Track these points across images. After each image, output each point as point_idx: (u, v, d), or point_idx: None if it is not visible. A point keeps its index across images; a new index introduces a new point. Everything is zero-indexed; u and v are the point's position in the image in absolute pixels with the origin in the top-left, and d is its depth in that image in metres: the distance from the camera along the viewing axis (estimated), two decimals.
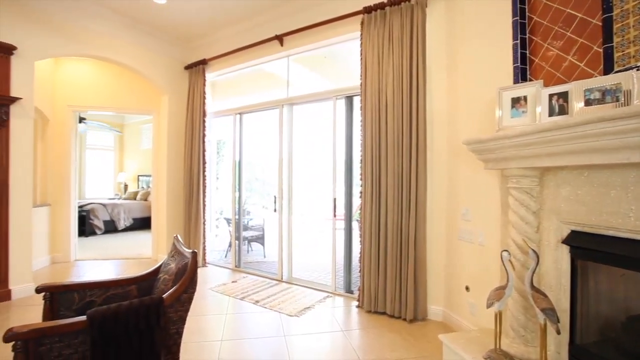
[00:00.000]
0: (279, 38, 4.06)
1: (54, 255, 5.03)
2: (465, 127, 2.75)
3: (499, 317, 1.95)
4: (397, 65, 3.10)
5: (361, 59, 3.36)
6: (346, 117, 3.77)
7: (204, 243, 4.87)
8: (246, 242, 5.48)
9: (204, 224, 4.87)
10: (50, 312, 1.89)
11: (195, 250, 1.88)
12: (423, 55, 3.04)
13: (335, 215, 3.78)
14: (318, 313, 3.24)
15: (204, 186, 4.87)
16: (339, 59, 4.08)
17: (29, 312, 3.17)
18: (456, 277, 2.88)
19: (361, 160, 3.35)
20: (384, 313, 3.17)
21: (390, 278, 3.11)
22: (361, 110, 3.36)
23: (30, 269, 3.73)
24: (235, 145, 4.87)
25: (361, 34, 3.36)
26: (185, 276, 1.76)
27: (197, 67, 4.92)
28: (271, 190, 6.83)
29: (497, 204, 2.40)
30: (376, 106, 3.22)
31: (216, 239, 5.80)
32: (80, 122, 5.99)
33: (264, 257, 5.52)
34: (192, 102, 4.96)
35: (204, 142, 4.84)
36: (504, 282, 2.00)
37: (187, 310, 1.80)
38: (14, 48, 3.51)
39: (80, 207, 6.99)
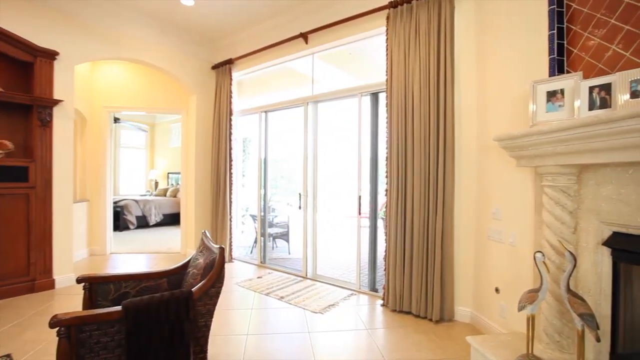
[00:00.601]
0: (304, 36, 4.07)
1: (91, 248, 5.32)
2: (496, 123, 2.64)
3: (531, 321, 1.87)
4: (424, 60, 3.03)
5: (387, 54, 3.30)
6: (371, 114, 3.73)
7: (230, 239, 4.98)
8: (271, 238, 5.56)
9: (230, 220, 4.97)
10: (89, 301, 2.00)
11: (223, 246, 1.93)
12: (451, 50, 2.95)
13: (360, 213, 3.75)
14: (342, 311, 3.24)
15: (230, 183, 4.97)
16: (364, 55, 4.04)
17: (71, 301, 3.37)
18: (485, 278, 2.79)
19: (387, 158, 3.31)
20: (409, 313, 3.13)
21: (415, 277, 3.06)
22: (387, 106, 3.31)
23: (72, 260, 3.97)
24: (261, 143, 4.93)
25: (387, 29, 3.30)
26: (213, 271, 1.81)
27: (224, 67, 5.02)
28: (296, 188, 6.87)
29: (529, 203, 2.29)
30: (402, 102, 3.17)
31: (242, 235, 5.93)
32: (115, 122, 6.28)
33: (289, 253, 5.58)
34: (219, 101, 5.08)
35: (230, 140, 4.94)
36: (537, 285, 1.91)
37: (215, 304, 1.85)
38: (57, 53, 3.72)
39: (115, 203, 7.34)
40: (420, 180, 3.05)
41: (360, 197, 3.73)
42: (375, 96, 3.72)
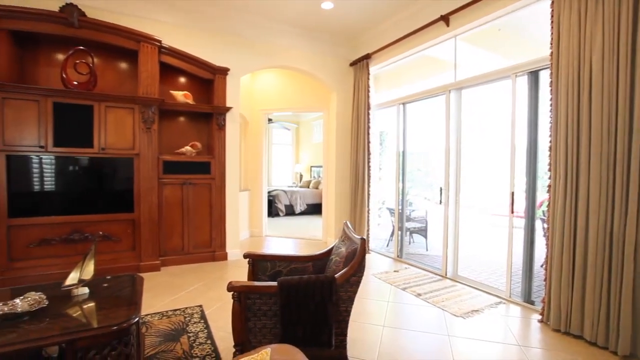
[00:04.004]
0: (445, 18, 3.78)
1: (251, 230, 6.34)
2: None
3: None
4: (611, 22, 2.37)
5: (552, 22, 2.74)
6: (529, 97, 3.18)
7: (367, 231, 5.11)
8: (408, 233, 5.44)
9: (368, 212, 5.10)
10: (252, 274, 2.39)
11: (364, 237, 1.99)
12: None
13: (512, 212, 3.27)
14: (487, 319, 2.91)
15: (369, 176, 5.09)
16: (517, 30, 3.48)
17: (239, 271, 4.11)
18: None
19: (550, 148, 2.77)
20: (579, 337, 2.56)
21: (591, 295, 2.48)
22: (551, 86, 2.76)
23: (238, 239, 4.84)
24: (399, 136, 4.86)
25: None
26: (355, 260, 1.89)
27: (361, 63, 5.14)
28: (434, 182, 6.52)
29: None
30: (574, 78, 2.58)
31: (378, 227, 6.00)
32: (268, 122, 7.26)
33: (427, 250, 5.35)
34: (357, 97, 5.24)
35: (368, 134, 5.05)
36: None
37: (355, 292, 1.93)
38: (228, 70, 4.55)
39: (268, 192, 8.53)
40: (600, 174, 2.43)
41: (513, 193, 3.24)
42: (534, 75, 3.15)
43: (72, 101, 3.63)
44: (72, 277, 1.93)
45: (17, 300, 1.65)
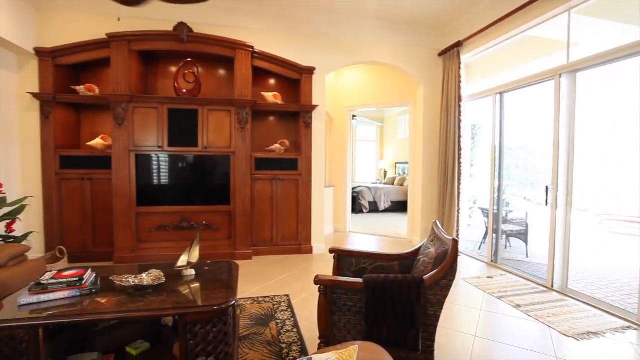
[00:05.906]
0: None
1: (335, 225, 6.45)
2: None
3: None
4: None
5: None
6: None
7: (457, 231, 4.76)
8: (504, 236, 4.91)
9: (458, 212, 4.74)
10: (337, 269, 2.42)
11: (457, 239, 1.85)
12: None
13: None
14: (611, 345, 2.45)
15: (459, 173, 4.72)
16: None
17: (323, 265, 4.23)
18: None
19: None
20: None
21: None
22: None
23: (323, 234, 4.97)
24: (495, 129, 4.38)
25: None
26: (445, 262, 1.77)
27: (451, 52, 4.78)
28: (535, 180, 5.75)
29: None
30: None
31: (469, 228, 5.55)
32: (352, 119, 7.27)
33: (527, 256, 4.75)
34: (447, 88, 4.90)
35: (459, 127, 4.68)
36: None
37: (445, 296, 1.81)
38: (314, 69, 4.68)
39: (352, 189, 8.57)
40: None
41: None
42: None
43: (182, 107, 4.17)
44: (182, 260, 2.21)
45: (144, 275, 1.96)
